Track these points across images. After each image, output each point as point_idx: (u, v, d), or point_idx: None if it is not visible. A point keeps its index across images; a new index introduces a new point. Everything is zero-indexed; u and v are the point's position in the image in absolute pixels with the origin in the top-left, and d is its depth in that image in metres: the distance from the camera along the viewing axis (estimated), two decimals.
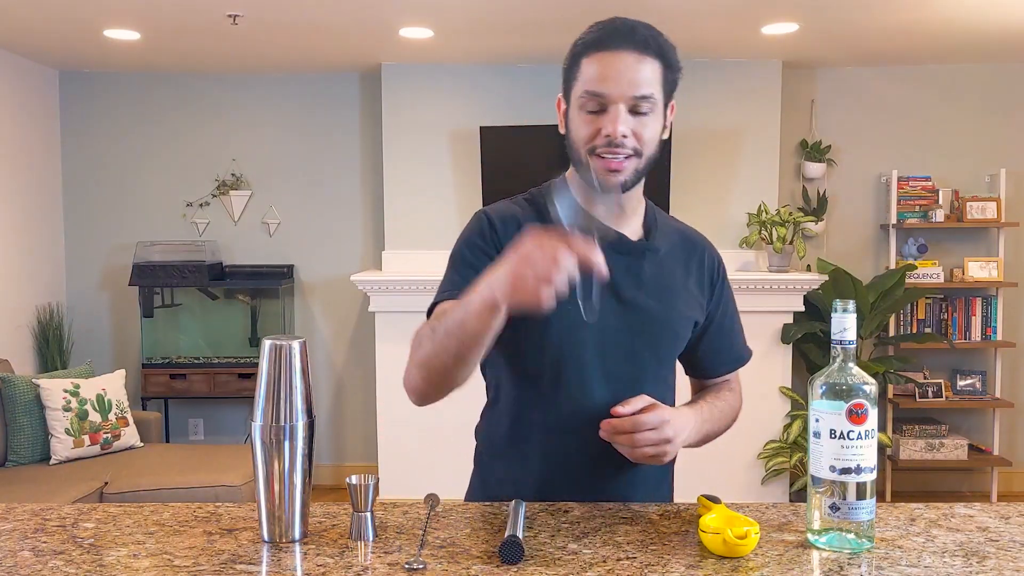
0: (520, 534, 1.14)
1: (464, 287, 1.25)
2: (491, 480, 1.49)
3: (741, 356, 1.58)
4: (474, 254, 1.37)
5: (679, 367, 1.54)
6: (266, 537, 1.18)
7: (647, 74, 1.31)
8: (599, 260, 1.12)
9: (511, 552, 1.10)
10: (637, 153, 1.33)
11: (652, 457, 1.30)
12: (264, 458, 1.17)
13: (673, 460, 1.48)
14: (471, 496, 1.50)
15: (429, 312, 1.37)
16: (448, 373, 1.26)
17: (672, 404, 1.45)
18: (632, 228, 1.44)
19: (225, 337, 4.84)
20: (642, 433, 1.28)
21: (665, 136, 1.39)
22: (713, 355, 1.53)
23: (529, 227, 1.23)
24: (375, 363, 4.49)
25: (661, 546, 1.15)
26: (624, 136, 1.30)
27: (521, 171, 4.67)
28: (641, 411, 1.30)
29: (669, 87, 1.35)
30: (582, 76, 1.33)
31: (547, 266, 1.08)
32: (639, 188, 1.43)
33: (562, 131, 1.40)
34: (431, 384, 1.30)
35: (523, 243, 1.13)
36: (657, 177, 4.39)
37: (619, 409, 1.30)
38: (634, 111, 1.31)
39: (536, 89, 4.48)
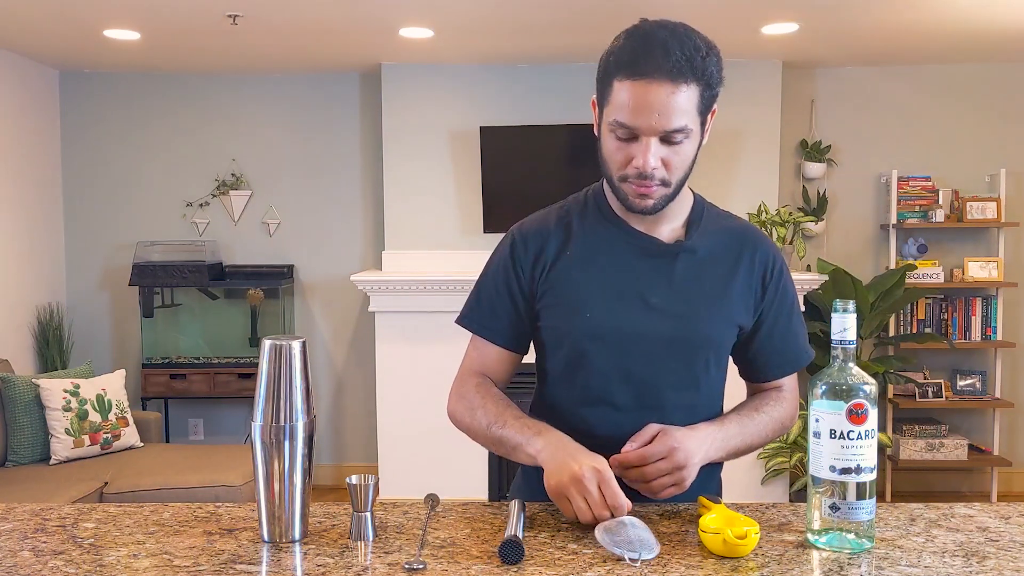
0: (520, 534, 1.14)
1: (488, 319, 1.43)
2: (533, 482, 1.45)
3: (798, 359, 1.47)
4: (496, 287, 1.43)
5: (734, 370, 1.48)
6: (266, 537, 1.18)
7: (682, 104, 1.24)
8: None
9: (511, 552, 1.09)
10: (665, 183, 1.30)
11: (672, 487, 1.26)
12: (264, 458, 1.17)
13: (719, 464, 1.45)
14: (514, 494, 1.46)
15: (460, 322, 1.47)
16: (488, 448, 1.42)
17: (716, 411, 1.43)
18: (672, 228, 1.40)
19: (225, 337, 4.84)
20: (653, 466, 1.25)
21: (704, 141, 1.35)
22: (766, 358, 1.44)
23: (612, 460, 1.25)
24: (375, 363, 4.49)
25: (661, 546, 1.15)
26: (654, 168, 1.27)
27: (521, 171, 4.68)
28: (649, 442, 1.27)
29: (707, 104, 1.29)
30: (613, 101, 1.27)
31: (599, 511, 1.18)
32: (681, 193, 1.38)
33: (596, 133, 1.36)
34: (479, 442, 1.44)
35: (588, 470, 1.19)
36: None
37: (626, 447, 1.27)
38: (666, 141, 1.27)
39: (536, 89, 4.48)
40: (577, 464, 1.20)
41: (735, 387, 1.51)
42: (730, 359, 1.46)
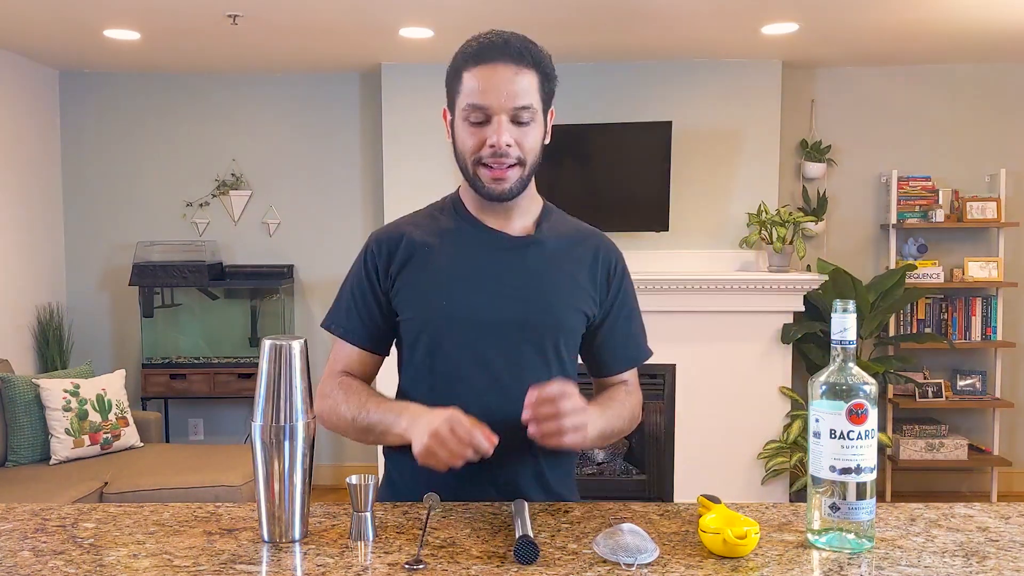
0: (530, 533, 1.14)
1: (347, 322, 1.52)
2: (394, 476, 1.54)
3: (639, 354, 1.57)
4: (353, 291, 1.52)
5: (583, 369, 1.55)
6: (266, 537, 1.18)
7: (525, 85, 1.38)
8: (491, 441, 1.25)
9: (526, 552, 1.10)
10: (520, 162, 1.40)
11: (573, 433, 1.27)
12: (264, 458, 1.17)
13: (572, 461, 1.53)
14: (381, 496, 1.48)
15: (322, 325, 1.58)
16: (362, 441, 1.49)
17: None
18: (522, 225, 1.49)
19: (225, 337, 4.84)
20: (569, 401, 1.26)
21: (547, 142, 1.46)
22: (610, 351, 1.54)
23: (452, 412, 1.29)
24: None
25: (661, 546, 1.15)
26: (508, 145, 1.37)
27: None
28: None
29: (547, 95, 1.43)
30: (464, 89, 1.39)
31: (460, 450, 1.24)
32: (529, 189, 1.48)
33: (448, 140, 1.47)
34: (352, 438, 1.50)
35: (440, 421, 1.26)
36: (657, 177, 4.39)
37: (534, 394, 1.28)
38: (515, 121, 1.38)
39: None
40: (433, 421, 1.28)
41: None
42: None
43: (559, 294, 1.46)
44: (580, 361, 1.56)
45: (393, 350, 1.56)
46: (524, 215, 1.49)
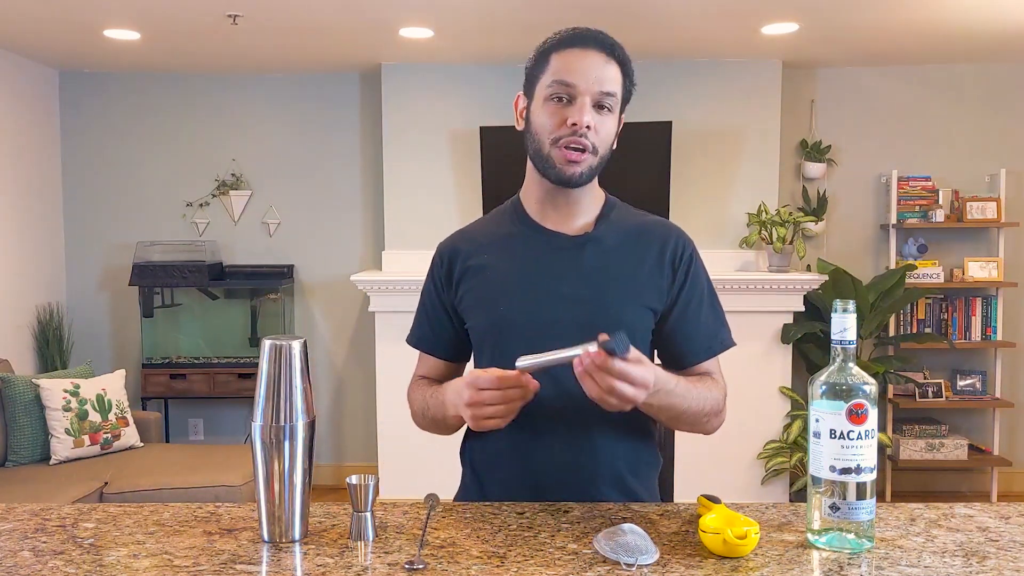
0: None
1: (428, 334, 1.55)
2: (466, 478, 1.55)
3: (716, 343, 1.49)
4: (431, 300, 1.55)
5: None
6: (266, 537, 1.18)
7: (612, 74, 1.40)
8: (533, 384, 1.26)
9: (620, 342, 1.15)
10: (593, 149, 1.40)
11: (616, 402, 1.20)
12: (264, 458, 1.17)
13: (655, 463, 1.51)
14: (466, 497, 1.51)
15: (407, 340, 1.59)
16: (442, 433, 1.53)
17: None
18: (583, 224, 1.48)
19: (225, 337, 4.84)
20: (617, 376, 1.18)
21: (614, 146, 1.46)
22: (685, 341, 1.47)
23: (471, 376, 1.30)
24: (375, 363, 4.49)
25: (661, 546, 1.15)
26: (588, 127, 1.37)
27: (521, 171, 4.68)
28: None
29: (626, 94, 1.44)
30: (551, 69, 1.40)
31: (500, 400, 1.26)
32: (593, 186, 1.48)
33: (519, 127, 1.48)
34: (435, 432, 1.56)
35: (465, 391, 1.29)
36: (657, 177, 4.39)
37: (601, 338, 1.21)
38: (597, 106, 1.38)
39: None
40: (461, 393, 1.30)
41: None
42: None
43: (618, 291, 1.43)
44: (658, 361, 1.49)
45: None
46: (584, 213, 1.48)
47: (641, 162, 4.40)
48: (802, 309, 4.37)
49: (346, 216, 4.88)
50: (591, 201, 1.49)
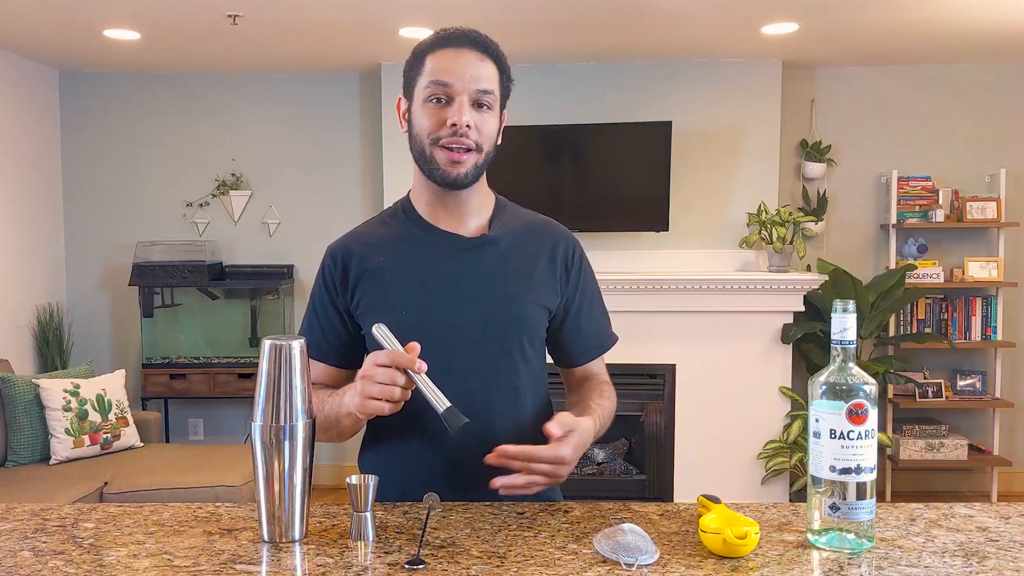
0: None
1: (319, 340, 1.49)
2: (375, 448, 1.53)
3: (605, 341, 1.56)
4: (322, 304, 1.52)
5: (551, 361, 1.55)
6: (266, 537, 1.18)
7: (487, 72, 1.42)
8: (420, 365, 1.24)
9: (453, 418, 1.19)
10: (478, 148, 1.40)
11: (537, 487, 1.28)
12: (264, 458, 1.17)
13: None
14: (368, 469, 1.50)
15: (302, 332, 1.52)
16: (332, 438, 1.43)
17: (542, 392, 1.50)
18: (476, 225, 1.48)
19: (225, 337, 4.84)
20: (537, 465, 1.27)
21: (499, 142, 1.46)
22: (577, 341, 1.52)
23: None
24: None
25: (661, 546, 1.15)
26: (468, 126, 1.37)
27: (519, 171, 4.67)
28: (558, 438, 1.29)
29: (505, 92, 1.46)
30: (427, 70, 1.41)
31: (388, 376, 1.24)
32: (482, 185, 1.48)
33: (402, 130, 1.47)
34: (324, 439, 1.44)
35: (365, 368, 1.27)
36: (657, 177, 4.39)
37: (550, 428, 1.28)
38: (476, 104, 1.39)
39: (536, 89, 4.47)
40: (358, 382, 1.29)
41: None
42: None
43: (517, 291, 1.44)
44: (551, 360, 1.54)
45: None
46: (477, 214, 1.48)
47: (641, 162, 4.40)
48: (802, 309, 4.37)
49: (346, 216, 4.87)
50: (482, 202, 1.49)
